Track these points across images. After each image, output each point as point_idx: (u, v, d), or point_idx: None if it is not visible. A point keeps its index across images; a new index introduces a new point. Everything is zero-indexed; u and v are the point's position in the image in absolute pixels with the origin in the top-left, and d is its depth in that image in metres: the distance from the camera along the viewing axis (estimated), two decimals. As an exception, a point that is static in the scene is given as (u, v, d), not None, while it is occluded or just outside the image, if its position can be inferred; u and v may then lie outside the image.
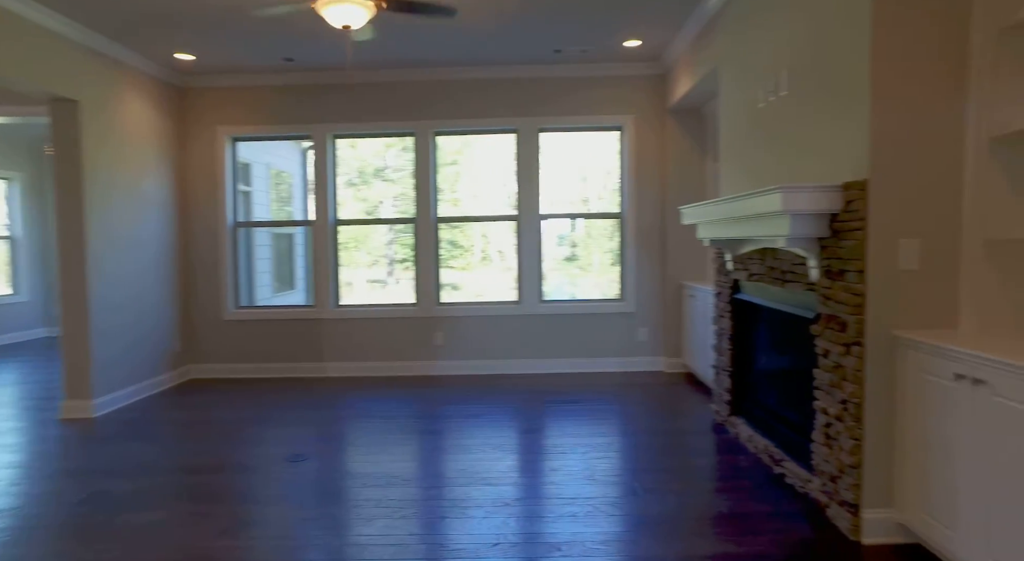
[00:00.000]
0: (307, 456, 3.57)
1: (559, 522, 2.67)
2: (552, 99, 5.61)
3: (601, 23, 4.52)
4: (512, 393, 4.94)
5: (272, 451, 3.68)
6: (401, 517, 2.76)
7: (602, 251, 5.92)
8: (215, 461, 3.53)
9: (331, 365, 5.74)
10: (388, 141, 5.96)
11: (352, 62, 5.29)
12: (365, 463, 3.46)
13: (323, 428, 4.16)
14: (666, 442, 3.69)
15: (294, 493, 3.05)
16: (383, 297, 6.04)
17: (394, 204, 6.13)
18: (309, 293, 6.85)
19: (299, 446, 3.76)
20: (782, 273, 3.04)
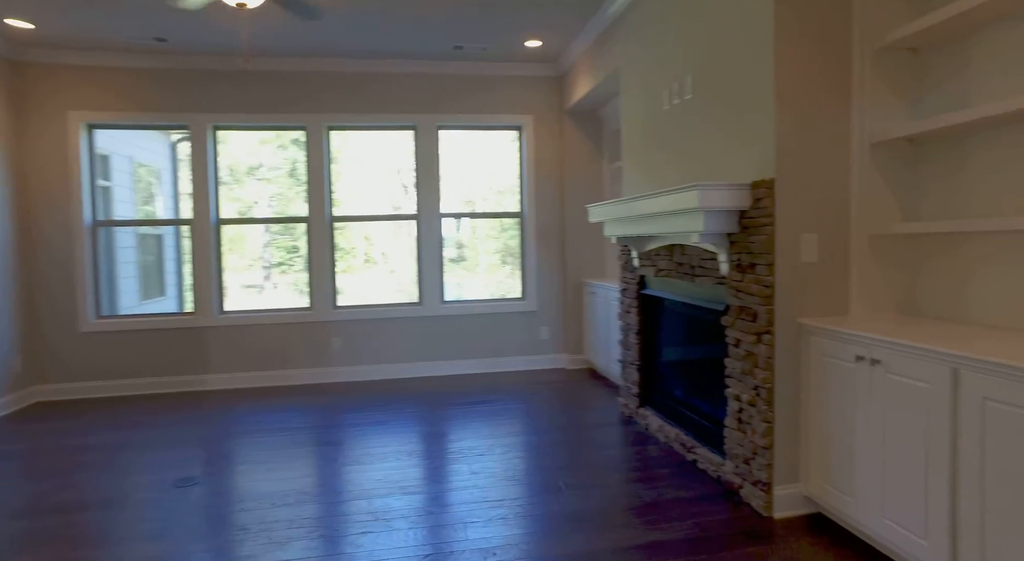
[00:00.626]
0: (198, 479, 3.21)
1: (489, 526, 2.61)
2: (451, 97, 5.53)
3: (502, 22, 4.51)
4: (419, 397, 4.79)
5: (154, 478, 3.27)
6: (319, 536, 2.55)
7: (489, 251, 5.87)
8: (80, 497, 3.06)
9: (216, 377, 5.24)
10: (262, 136, 5.49)
11: (243, 47, 4.87)
12: (269, 481, 3.17)
13: (214, 447, 3.76)
14: (579, 437, 3.75)
15: (190, 523, 2.72)
16: (262, 303, 5.57)
17: (270, 204, 5.63)
18: (182, 299, 6.25)
19: (187, 469, 3.38)
20: (691, 268, 3.19)
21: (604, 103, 5.41)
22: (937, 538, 1.96)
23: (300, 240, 5.51)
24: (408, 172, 5.63)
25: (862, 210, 2.58)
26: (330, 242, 5.41)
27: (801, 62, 2.55)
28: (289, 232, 5.58)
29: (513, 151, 5.80)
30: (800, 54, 2.55)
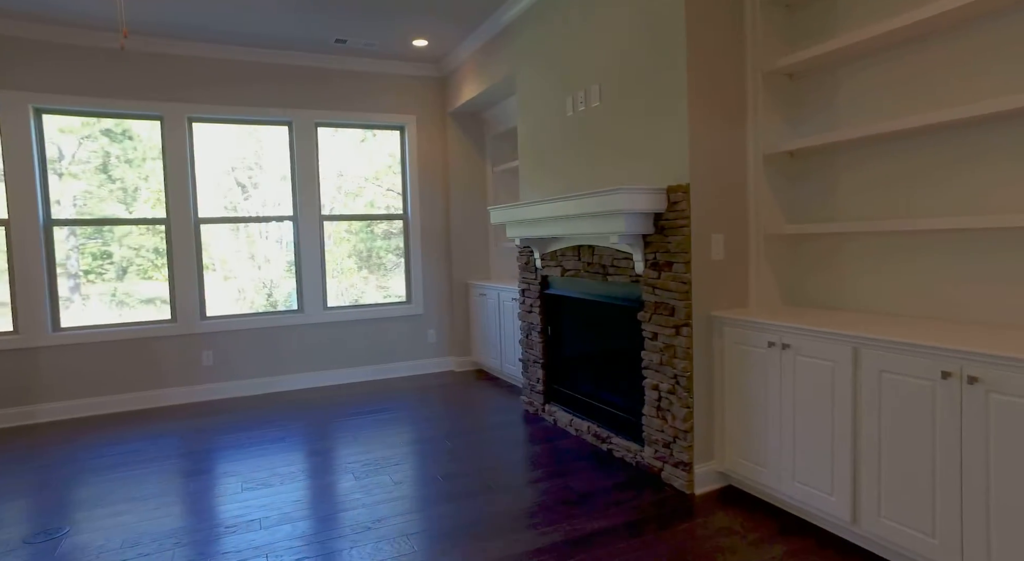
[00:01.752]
0: (64, 528, 2.71)
1: (416, 540, 2.53)
2: (331, 93, 5.25)
3: (389, 18, 4.39)
4: (307, 410, 4.48)
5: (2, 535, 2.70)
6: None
7: (343, 255, 5.58)
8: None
9: (52, 406, 4.44)
10: (62, 124, 4.65)
11: (119, 20, 4.18)
12: (152, 520, 2.77)
13: (69, 489, 3.20)
14: (489, 437, 3.77)
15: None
16: (71, 318, 4.68)
17: (75, 203, 4.74)
18: None
19: (44, 518, 2.84)
20: (603, 268, 3.37)
21: (488, 107, 5.49)
22: (842, 492, 2.29)
23: (112, 245, 4.72)
24: (251, 171, 5.23)
25: (758, 213, 2.92)
26: (196, 246, 4.85)
27: (709, 80, 2.82)
28: (101, 235, 4.76)
29: (375, 151, 5.65)
30: (708, 74, 2.82)
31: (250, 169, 5.15)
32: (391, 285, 5.68)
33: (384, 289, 5.64)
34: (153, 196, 4.91)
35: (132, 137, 4.78)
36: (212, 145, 4.99)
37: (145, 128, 4.80)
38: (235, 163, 5.10)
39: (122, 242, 4.78)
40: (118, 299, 4.75)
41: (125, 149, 4.77)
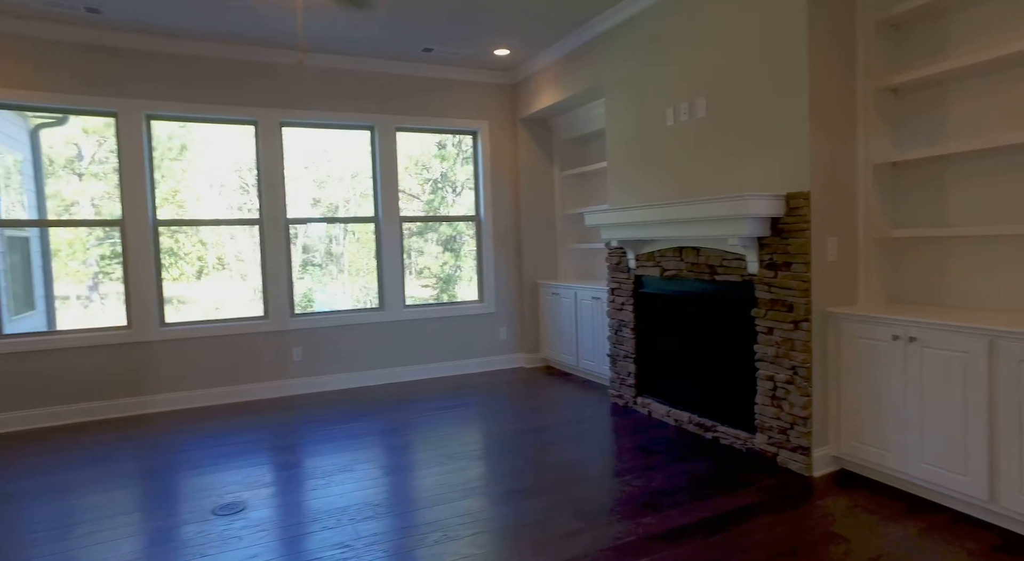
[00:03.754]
0: (240, 504, 2.93)
1: (540, 528, 2.76)
2: (409, 98, 5.47)
3: (478, 28, 4.62)
4: (388, 404, 4.70)
5: (191, 508, 2.92)
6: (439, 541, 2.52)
7: (360, 255, 5.68)
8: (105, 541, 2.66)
9: (159, 398, 4.65)
10: (88, 125, 4.95)
11: (299, 39, 4.40)
12: (323, 498, 2.99)
13: (216, 472, 3.41)
14: (583, 428, 3.99)
15: (280, 549, 2.51)
16: (175, 315, 4.89)
17: (93, 204, 4.74)
18: (52, 314, 5.32)
19: (210, 496, 3.05)
20: (710, 268, 3.60)
21: (558, 114, 5.72)
22: (977, 472, 2.53)
23: (206, 245, 4.95)
24: (327, 174, 5.46)
25: (867, 218, 3.16)
26: (286, 246, 5.07)
27: (826, 97, 3.07)
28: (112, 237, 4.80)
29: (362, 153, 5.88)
30: (826, 90, 3.06)
31: (326, 172, 5.38)
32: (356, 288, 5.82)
33: (425, 288, 5.85)
34: (247, 198, 5.14)
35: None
36: (296, 148, 5.21)
37: (241, 133, 5.02)
38: (310, 165, 5.33)
39: (216, 243, 5.01)
40: (216, 296, 4.97)
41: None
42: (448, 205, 5.93)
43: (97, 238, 4.71)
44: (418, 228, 5.74)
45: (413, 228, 5.71)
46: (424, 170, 5.90)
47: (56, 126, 4.77)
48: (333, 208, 5.44)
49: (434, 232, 5.82)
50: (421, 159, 5.85)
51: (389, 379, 5.41)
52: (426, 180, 5.94)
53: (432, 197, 5.91)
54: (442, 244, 5.89)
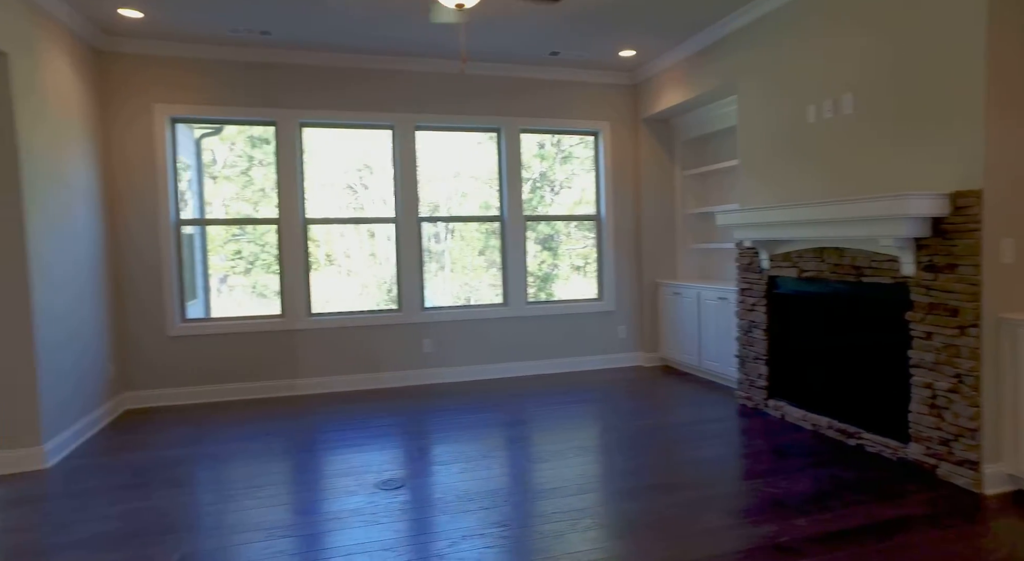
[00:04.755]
0: (399, 480, 3.18)
1: (677, 526, 2.77)
2: (533, 101, 5.63)
3: (604, 31, 4.67)
4: (511, 396, 4.86)
5: (353, 481, 3.21)
6: (589, 528, 2.63)
7: (471, 252, 5.85)
8: (298, 506, 2.98)
9: (305, 381, 5.09)
10: (256, 132, 5.33)
11: (461, 49, 4.78)
12: (469, 481, 3.19)
13: (371, 450, 3.71)
14: (710, 429, 3.94)
15: (442, 522, 2.72)
16: (320, 306, 5.33)
17: (227, 205, 5.20)
18: (208, 304, 5.85)
19: (376, 472, 3.33)
20: (856, 269, 3.48)
21: (680, 113, 5.67)
22: None
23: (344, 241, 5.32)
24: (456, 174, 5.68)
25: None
26: (418, 243, 5.38)
27: (1004, 92, 2.88)
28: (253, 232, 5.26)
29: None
30: (1004, 86, 2.88)
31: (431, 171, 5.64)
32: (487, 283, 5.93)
33: (496, 287, 5.94)
34: (380, 198, 5.51)
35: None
36: (430, 151, 5.51)
37: (381, 137, 5.38)
38: (436, 167, 5.61)
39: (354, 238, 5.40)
40: (257, 291, 5.35)
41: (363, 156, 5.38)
42: (546, 204, 6.01)
43: (232, 234, 5.21)
44: None
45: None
46: (524, 169, 6.01)
47: (213, 135, 5.33)
48: (433, 207, 5.66)
49: (532, 231, 5.93)
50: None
51: (511, 373, 5.60)
52: (524, 180, 6.05)
53: (531, 196, 6.03)
54: (540, 243, 6.01)
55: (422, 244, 5.42)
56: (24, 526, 2.80)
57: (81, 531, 2.69)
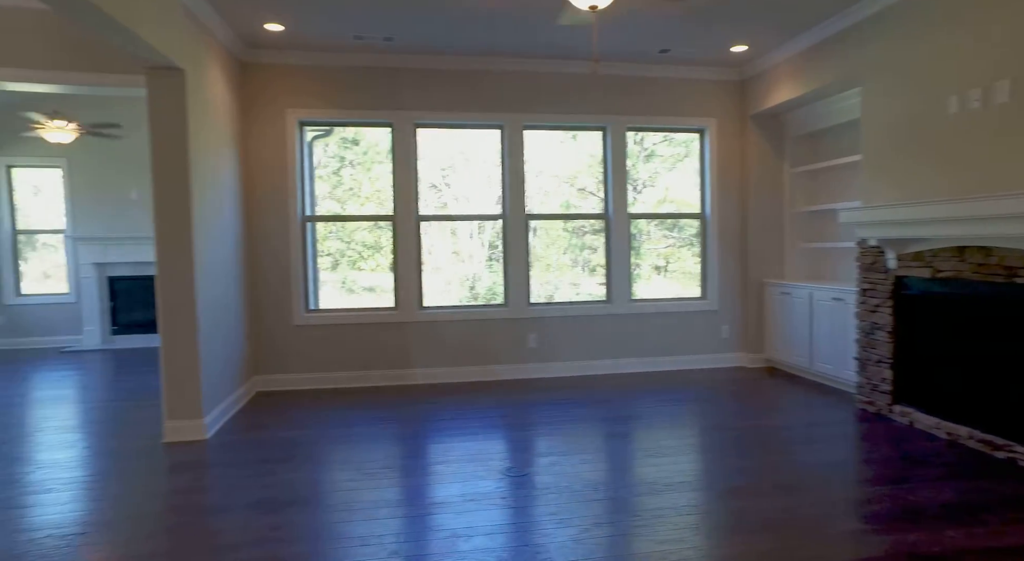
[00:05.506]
0: (526, 469, 3.31)
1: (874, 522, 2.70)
2: (637, 99, 5.62)
3: (716, 26, 4.60)
4: (614, 393, 4.89)
5: (481, 467, 3.37)
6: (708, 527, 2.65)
7: (559, 251, 5.87)
8: (452, 486, 3.17)
9: (417, 372, 5.34)
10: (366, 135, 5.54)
11: (593, 50, 4.96)
12: (594, 471, 3.27)
13: (489, 439, 3.87)
14: (825, 433, 3.82)
15: (576, 509, 2.82)
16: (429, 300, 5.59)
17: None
18: (317, 296, 6.17)
19: (496, 459, 3.48)
20: (1006, 270, 3.29)
21: (791, 110, 5.51)
22: None
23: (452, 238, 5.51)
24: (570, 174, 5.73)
25: None
26: (525, 240, 5.51)
27: None
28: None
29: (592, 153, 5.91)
30: None
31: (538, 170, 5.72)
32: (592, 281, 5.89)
33: (601, 286, 5.89)
34: (493, 197, 5.69)
35: (477, 145, 5.58)
36: (536, 151, 5.63)
37: (486, 137, 5.56)
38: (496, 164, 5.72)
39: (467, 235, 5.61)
40: (466, 284, 5.59)
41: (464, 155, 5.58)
42: (629, 203, 5.91)
43: (329, 231, 5.50)
44: (591, 226, 5.87)
45: (586, 226, 5.86)
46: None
47: (324, 137, 5.66)
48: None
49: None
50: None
51: (614, 370, 5.64)
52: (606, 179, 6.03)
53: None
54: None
55: (529, 241, 5.54)
56: (198, 487, 3.12)
57: (247, 496, 2.98)
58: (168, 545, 2.51)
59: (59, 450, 3.75)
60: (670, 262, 6.09)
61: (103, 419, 4.44)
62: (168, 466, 3.43)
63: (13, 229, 7.68)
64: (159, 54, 3.43)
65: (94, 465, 3.48)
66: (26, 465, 3.49)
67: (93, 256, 7.37)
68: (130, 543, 2.53)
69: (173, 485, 3.18)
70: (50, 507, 2.93)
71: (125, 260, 7.44)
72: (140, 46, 3.30)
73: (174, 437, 3.79)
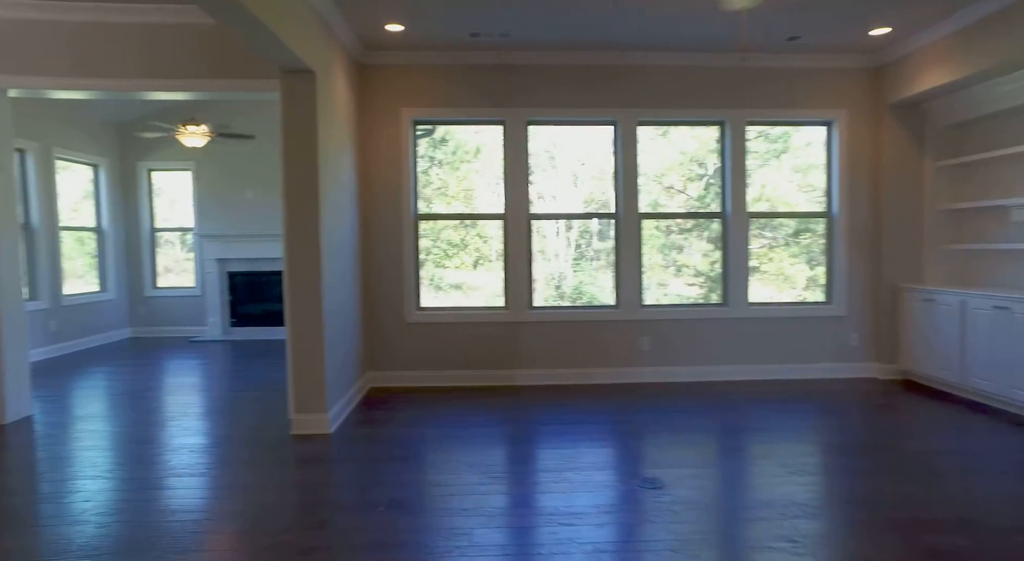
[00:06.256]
0: (660, 481, 3.14)
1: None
2: (758, 91, 5.29)
3: (863, 5, 4.20)
4: (747, 402, 4.60)
5: (612, 476, 3.23)
6: (894, 556, 2.39)
7: (652, 251, 5.52)
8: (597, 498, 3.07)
9: (526, 372, 5.27)
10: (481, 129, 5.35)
11: (740, 40, 4.81)
12: (723, 487, 3.06)
13: (614, 445, 3.72)
14: (1017, 460, 3.41)
15: (725, 536, 2.63)
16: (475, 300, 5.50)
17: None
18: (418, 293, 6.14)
19: (629, 469, 3.33)
20: None
21: (935, 98, 5.00)
22: None
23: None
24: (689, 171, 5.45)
25: None
26: (637, 239, 5.31)
27: None
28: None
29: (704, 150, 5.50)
30: None
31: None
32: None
33: (690, 287, 5.60)
34: (580, 196, 5.54)
35: (588, 142, 5.44)
36: (645, 148, 5.42)
37: (601, 133, 5.41)
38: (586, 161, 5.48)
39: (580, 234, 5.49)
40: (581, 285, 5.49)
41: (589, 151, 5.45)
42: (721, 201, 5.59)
43: (421, 230, 5.49)
44: (678, 226, 5.56)
45: (672, 225, 5.55)
46: (698, 165, 5.67)
47: (425, 136, 5.67)
48: (602, 203, 5.52)
49: (706, 230, 5.57)
50: (696, 155, 5.63)
51: (731, 376, 5.33)
52: (699, 176, 5.70)
53: (704, 193, 5.66)
54: (712, 241, 5.61)
55: (641, 240, 5.34)
56: (329, 483, 3.18)
57: (378, 494, 2.98)
58: (312, 541, 2.54)
59: (193, 436, 3.96)
60: (763, 263, 5.67)
61: (232, 408, 4.66)
62: (297, 458, 3.52)
63: (152, 228, 8.30)
64: (295, 57, 3.52)
65: (227, 453, 3.63)
66: (163, 449, 3.69)
67: (216, 252, 7.83)
68: (274, 534, 2.58)
69: (304, 478, 3.25)
70: (183, 491, 3.06)
71: (241, 256, 7.85)
72: (281, 50, 3.39)
73: (301, 430, 3.89)
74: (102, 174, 7.81)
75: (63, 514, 2.80)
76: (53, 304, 6.86)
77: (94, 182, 7.78)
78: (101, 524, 2.69)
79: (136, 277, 8.21)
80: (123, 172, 8.14)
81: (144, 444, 3.80)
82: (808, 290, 5.60)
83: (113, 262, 7.90)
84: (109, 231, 7.87)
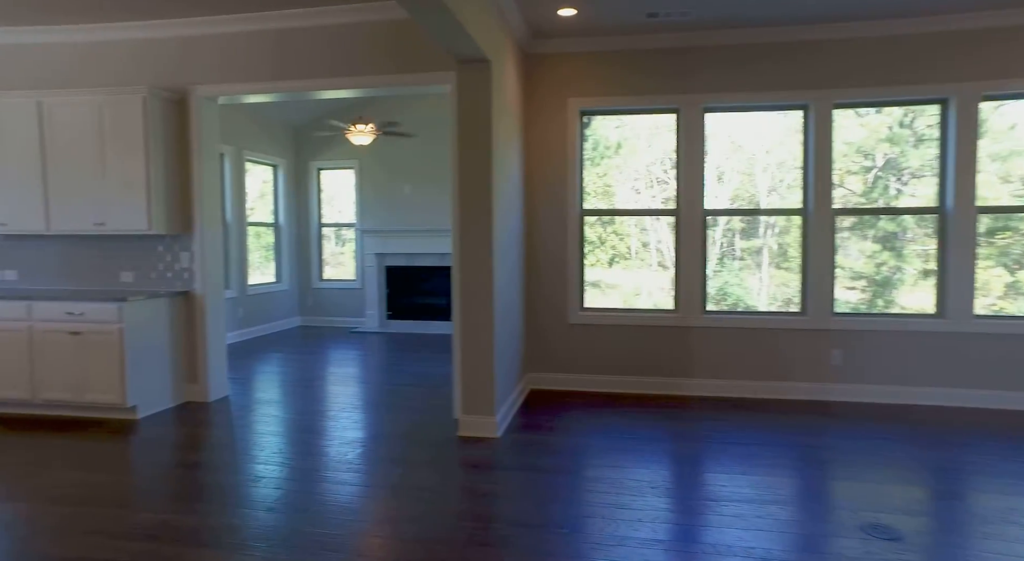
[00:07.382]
0: (896, 532, 2.61)
1: None
2: (993, 58, 4.37)
3: None
4: (971, 435, 3.81)
5: (814, 516, 2.76)
6: None
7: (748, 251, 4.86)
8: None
9: (696, 381, 4.83)
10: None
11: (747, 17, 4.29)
12: (978, 546, 2.46)
13: (821, 478, 3.22)
14: None
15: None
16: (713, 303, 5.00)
17: None
18: None
19: (844, 507, 2.83)
20: None
21: None
22: None
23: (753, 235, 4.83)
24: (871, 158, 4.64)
25: None
26: (831, 237, 4.65)
27: None
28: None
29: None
30: None
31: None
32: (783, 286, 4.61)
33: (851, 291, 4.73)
34: (782, 186, 4.94)
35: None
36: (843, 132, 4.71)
37: (788, 119, 4.80)
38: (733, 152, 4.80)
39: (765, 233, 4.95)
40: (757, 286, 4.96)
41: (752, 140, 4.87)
42: (890, 197, 4.77)
43: None
44: (849, 224, 4.75)
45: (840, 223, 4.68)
46: (865, 157, 4.78)
47: (585, 127, 5.34)
48: (734, 198, 4.89)
49: (871, 228, 4.74)
50: (863, 145, 4.78)
51: (944, 400, 4.51)
52: (866, 169, 4.80)
53: (870, 187, 4.76)
54: (879, 241, 4.69)
55: (834, 240, 4.67)
56: (501, 493, 3.01)
57: (552, 512, 2.76)
58: (485, 555, 2.36)
59: (360, 429, 4.01)
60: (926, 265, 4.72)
61: (395, 403, 4.71)
62: (467, 463, 3.40)
63: (319, 223, 8.87)
64: (476, 46, 3.39)
65: (397, 451, 3.60)
66: (332, 441, 3.76)
67: (375, 247, 8.15)
68: (457, 548, 2.44)
69: (477, 486, 3.11)
70: (349, 487, 3.04)
71: (398, 251, 8.10)
72: (464, 40, 3.28)
73: (468, 432, 3.79)
74: (280, 173, 8.44)
75: (259, 499, 2.89)
76: (240, 293, 7.50)
77: (273, 181, 8.43)
78: (291, 513, 2.72)
79: (305, 270, 8.79)
80: (297, 171, 8.75)
81: (315, 435, 3.91)
82: (1006, 299, 4.61)
83: (287, 255, 8.52)
84: (284, 226, 8.49)
